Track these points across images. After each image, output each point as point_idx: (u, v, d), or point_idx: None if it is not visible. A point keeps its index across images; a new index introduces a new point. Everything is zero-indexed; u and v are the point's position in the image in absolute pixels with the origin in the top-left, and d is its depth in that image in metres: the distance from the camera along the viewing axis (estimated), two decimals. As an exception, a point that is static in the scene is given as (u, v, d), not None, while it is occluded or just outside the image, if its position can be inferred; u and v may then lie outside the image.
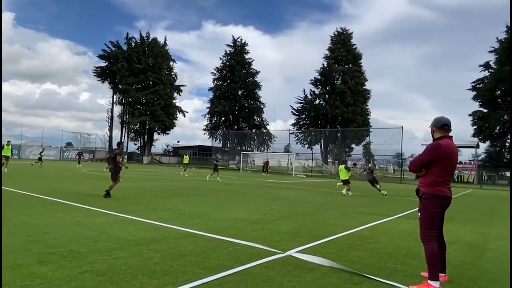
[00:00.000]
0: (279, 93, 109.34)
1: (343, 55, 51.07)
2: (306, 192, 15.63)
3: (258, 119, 59.92)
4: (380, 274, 3.84)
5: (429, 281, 3.39)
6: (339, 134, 44.24)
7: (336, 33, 52.89)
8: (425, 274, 3.57)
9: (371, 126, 49.63)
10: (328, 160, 48.99)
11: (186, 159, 27.78)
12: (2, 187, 10.63)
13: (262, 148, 54.58)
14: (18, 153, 44.21)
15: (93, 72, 58.59)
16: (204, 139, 74.43)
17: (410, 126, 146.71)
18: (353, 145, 49.22)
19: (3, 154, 20.07)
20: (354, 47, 52.72)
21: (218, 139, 59.27)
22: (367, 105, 52.60)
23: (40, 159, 28.33)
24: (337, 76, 51.58)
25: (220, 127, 59.71)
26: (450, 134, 3.69)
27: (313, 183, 23.72)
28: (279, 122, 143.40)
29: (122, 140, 59.01)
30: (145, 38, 58.46)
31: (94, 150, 54.02)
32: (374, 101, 71.92)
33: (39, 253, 3.94)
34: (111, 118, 59.58)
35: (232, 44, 59.27)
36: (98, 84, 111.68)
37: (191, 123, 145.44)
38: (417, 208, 3.66)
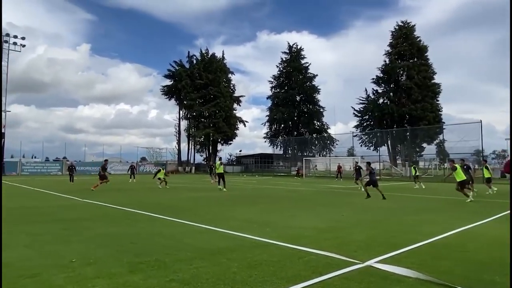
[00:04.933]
0: (338, 95, 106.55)
1: (406, 49, 48.09)
2: (376, 196, 14.85)
3: (318, 123, 58.96)
4: (477, 287, 3.46)
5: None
6: (407, 134, 41.50)
7: (396, 27, 50.09)
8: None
9: (444, 123, 45.65)
10: (397, 162, 46.16)
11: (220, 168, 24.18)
12: (90, 201, 11.87)
13: (324, 153, 53.43)
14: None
15: (161, 91, 63.08)
16: (264, 147, 75.27)
17: (488, 119, 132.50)
18: (424, 145, 45.69)
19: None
20: (418, 39, 49.34)
21: (279, 146, 59.48)
22: (437, 100, 48.60)
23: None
24: (401, 72, 48.66)
25: (280, 134, 59.91)
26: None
27: (382, 187, 22.48)
28: (340, 125, 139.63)
29: (189, 152, 62.34)
30: (205, 54, 61.44)
31: (165, 163, 57.70)
32: (446, 95, 66.52)
33: (129, 263, 4.27)
34: (179, 133, 63.42)
35: (287, 51, 59.45)
36: (164, 102, 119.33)
37: (250, 132, 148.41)
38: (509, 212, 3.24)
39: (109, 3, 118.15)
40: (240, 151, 70.32)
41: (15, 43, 44.74)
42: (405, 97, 46.96)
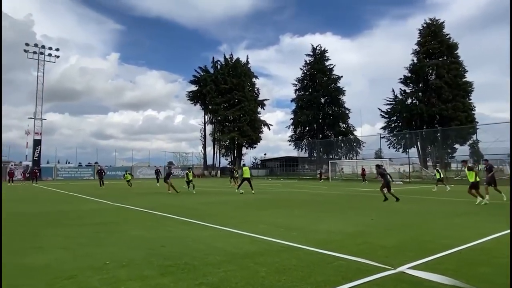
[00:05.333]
0: (364, 97, 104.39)
1: (435, 47, 46.56)
2: (406, 200, 14.40)
3: (344, 125, 58.06)
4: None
5: None
6: (438, 135, 40.02)
7: (424, 25, 48.66)
8: None
9: (477, 122, 43.71)
10: (428, 163, 44.57)
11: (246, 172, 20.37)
12: (120, 205, 12.24)
13: (351, 156, 52.44)
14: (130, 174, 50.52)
15: (186, 97, 64.43)
16: (288, 150, 74.90)
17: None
18: (457, 145, 43.89)
19: (125, 179, 24.71)
20: (448, 37, 47.65)
21: (304, 149, 59.04)
22: (470, 99, 46.64)
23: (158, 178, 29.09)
24: (430, 71, 47.16)
25: (305, 137, 59.49)
26: None
27: (412, 190, 21.81)
28: (366, 126, 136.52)
29: (214, 156, 63.04)
30: (229, 59, 62.18)
31: (191, 167, 58.70)
32: (479, 94, 63.61)
33: (160, 266, 4.36)
34: (204, 137, 64.43)
35: (311, 53, 59.12)
36: (190, 107, 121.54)
37: (274, 135, 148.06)
38: None
39: (137, 13, 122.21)
40: (265, 154, 70.45)
41: (50, 54, 47.13)
42: (435, 96, 45.41)
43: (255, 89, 63.76)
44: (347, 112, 57.92)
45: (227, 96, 59.06)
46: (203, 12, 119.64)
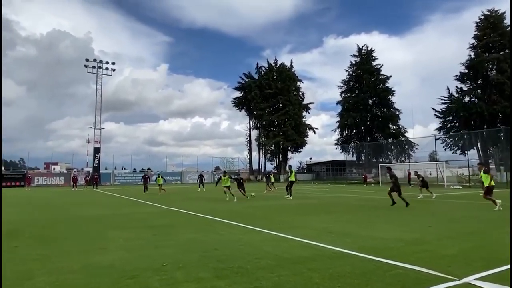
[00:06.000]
0: (415, 96, 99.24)
1: (495, 40, 42.92)
2: (466, 205, 13.39)
3: (394, 127, 55.47)
4: None
5: None
6: (501, 134, 36.74)
7: (482, 17, 45.08)
8: None
9: (548, 120, 39.44)
10: (491, 166, 41.01)
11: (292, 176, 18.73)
12: (173, 208, 12.76)
13: (403, 158, 49.90)
14: (180, 179, 52.66)
15: (231, 103, 65.84)
16: (334, 154, 73.24)
17: None
18: (524, 146, 39.91)
19: (157, 183, 25.22)
20: (509, 29, 43.72)
21: (351, 153, 57.29)
22: (538, 95, 42.29)
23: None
24: (490, 66, 43.52)
25: (352, 140, 57.74)
26: None
27: (472, 195, 20.19)
28: (419, 127, 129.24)
29: (260, 161, 63.54)
30: (273, 64, 62.56)
31: (237, 172, 59.61)
32: (548, 89, 57.09)
33: (215, 268, 4.48)
34: (249, 142, 65.30)
35: (357, 54, 57.45)
36: (235, 113, 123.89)
37: (320, 139, 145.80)
38: None
39: (184, 25, 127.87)
40: (311, 158, 69.56)
41: (107, 68, 50.82)
42: (496, 93, 41.82)
43: (300, 93, 63.41)
44: (397, 113, 55.29)
45: (271, 101, 59.39)
46: (246, 19, 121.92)
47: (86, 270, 4.50)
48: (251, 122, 65.51)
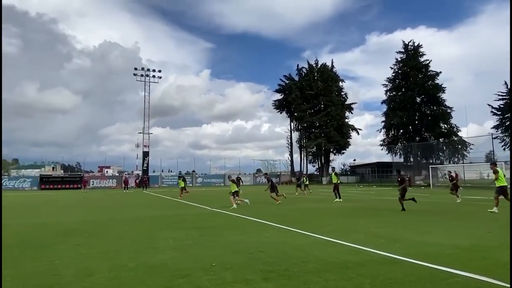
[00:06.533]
0: (468, 93, 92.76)
1: (561, 28, 38.94)
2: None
3: (446, 126, 52.18)
4: None
5: None
6: None
7: (545, 3, 41.14)
8: None
9: None
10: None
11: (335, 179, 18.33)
12: (217, 210, 13.03)
13: (456, 159, 46.80)
14: (223, 181, 53.72)
15: (272, 105, 65.96)
16: (379, 155, 70.56)
17: None
18: None
19: (179, 186, 23.91)
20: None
21: (398, 154, 54.78)
22: None
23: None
24: (555, 57, 39.51)
25: (399, 140, 55.20)
26: None
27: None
28: (473, 126, 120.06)
29: (301, 163, 63.00)
30: (314, 65, 61.81)
31: (279, 174, 59.52)
32: None
33: (261, 270, 4.52)
34: (290, 144, 64.96)
35: (403, 50, 54.93)
36: (275, 115, 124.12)
37: (363, 140, 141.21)
38: None
39: (225, 31, 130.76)
40: (354, 160, 67.54)
41: (153, 76, 53.37)
42: None
43: (342, 93, 61.96)
44: (448, 111, 51.95)
45: (313, 102, 58.65)
46: (286, 21, 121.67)
47: (141, 268, 4.75)
48: (292, 124, 65.19)
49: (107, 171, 59.69)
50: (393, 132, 55.93)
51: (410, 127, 54.11)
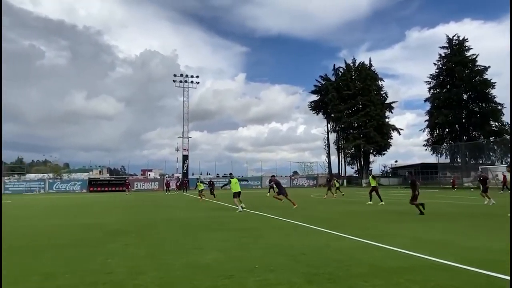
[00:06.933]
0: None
1: None
2: None
3: (496, 124, 48.80)
4: None
5: None
6: None
7: None
8: None
9: None
10: None
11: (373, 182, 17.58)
12: (256, 212, 13.11)
13: (509, 159, 43.45)
14: (260, 183, 53.93)
15: (308, 107, 65.33)
16: (423, 156, 67.38)
17: None
18: None
19: (198, 189, 25.45)
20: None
21: (444, 154, 52.00)
22: None
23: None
24: None
25: (445, 140, 52.40)
26: None
27: None
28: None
29: (339, 165, 61.72)
30: (351, 64, 60.47)
31: (316, 177, 58.72)
32: None
33: (305, 273, 4.48)
34: (328, 146, 63.87)
35: (447, 45, 52.25)
36: (311, 117, 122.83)
37: (405, 140, 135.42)
38: None
39: (259, 34, 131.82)
40: (396, 161, 65.00)
41: (192, 82, 55.02)
42: None
43: (382, 92, 59.96)
44: (499, 107, 48.53)
45: (350, 102, 57.33)
46: (320, 22, 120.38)
47: (187, 268, 4.90)
48: (328, 125, 64.13)
49: (149, 174, 62.23)
50: (438, 132, 53.28)
51: (457, 125, 51.25)
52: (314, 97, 64.45)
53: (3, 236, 8.29)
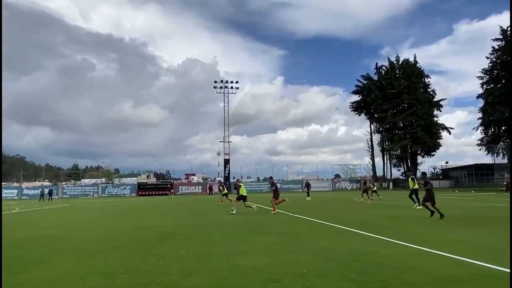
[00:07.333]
0: None
1: None
2: None
3: (562, 119, 44.34)
4: None
5: None
6: None
7: None
8: None
9: None
10: None
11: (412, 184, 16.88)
12: (300, 216, 13.00)
13: None
14: (301, 187, 53.42)
15: (349, 107, 63.79)
16: (477, 156, 63.09)
17: None
18: None
19: (221, 193, 25.17)
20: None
21: (501, 154, 48.15)
22: None
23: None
24: None
25: (501, 139, 48.55)
26: None
27: None
28: None
29: (385, 167, 59.42)
30: (395, 62, 58.21)
31: (359, 179, 56.98)
32: None
33: (356, 280, 4.37)
34: (371, 147, 61.82)
35: (500, 37, 48.50)
36: (351, 118, 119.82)
37: (456, 139, 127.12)
38: None
39: (297, 37, 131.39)
40: (447, 162, 61.30)
41: (231, 87, 56.00)
42: None
43: (429, 89, 56.99)
44: None
45: (395, 101, 55.11)
46: (360, 20, 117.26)
47: (235, 270, 5.00)
48: (372, 126, 62.08)
49: (193, 178, 64.15)
50: (493, 130, 49.58)
51: (515, 123, 47.20)
52: (356, 98, 62.92)
53: (72, 238, 8.98)
